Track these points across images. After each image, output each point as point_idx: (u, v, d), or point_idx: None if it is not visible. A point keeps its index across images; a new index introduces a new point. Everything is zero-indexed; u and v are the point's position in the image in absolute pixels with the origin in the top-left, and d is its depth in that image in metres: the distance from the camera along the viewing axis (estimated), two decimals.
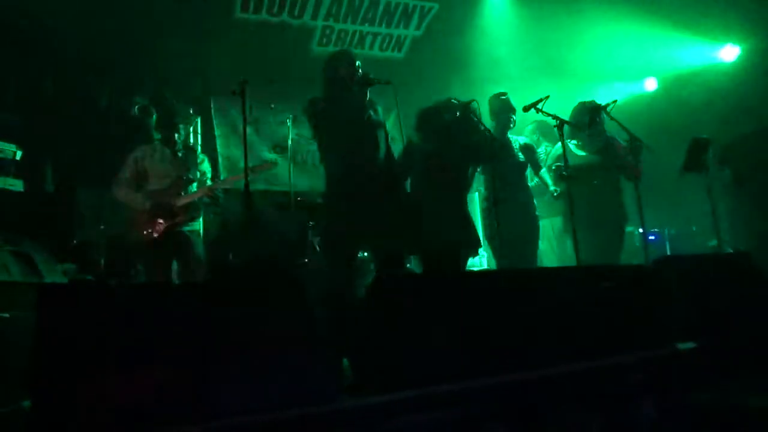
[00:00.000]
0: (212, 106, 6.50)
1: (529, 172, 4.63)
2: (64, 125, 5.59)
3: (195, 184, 4.17)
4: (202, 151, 4.76)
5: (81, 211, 5.41)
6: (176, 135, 4.14)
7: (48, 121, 5.50)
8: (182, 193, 4.09)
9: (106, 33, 5.45)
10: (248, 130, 6.52)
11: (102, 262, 4.83)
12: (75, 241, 5.12)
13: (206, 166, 4.33)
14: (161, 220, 4.00)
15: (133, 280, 4.59)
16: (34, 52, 5.45)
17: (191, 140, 4.85)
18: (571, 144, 4.56)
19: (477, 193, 5.07)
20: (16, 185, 4.68)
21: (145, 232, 4.00)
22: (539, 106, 4.12)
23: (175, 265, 4.14)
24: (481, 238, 4.13)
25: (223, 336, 1.86)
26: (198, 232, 4.28)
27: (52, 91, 5.66)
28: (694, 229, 7.02)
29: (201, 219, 4.31)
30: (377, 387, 2.17)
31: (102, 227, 4.99)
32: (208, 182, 4.26)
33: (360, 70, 3.40)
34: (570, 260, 4.54)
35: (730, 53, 7.24)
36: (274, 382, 1.93)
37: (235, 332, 1.89)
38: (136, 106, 5.86)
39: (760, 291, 3.28)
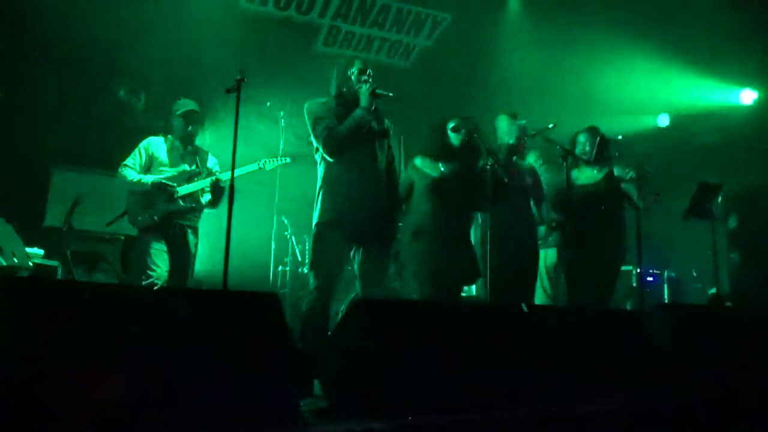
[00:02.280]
0: (204, 96, 6.46)
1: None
2: (45, 104, 5.58)
3: (199, 178, 4.25)
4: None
5: (54, 195, 5.38)
6: (190, 127, 4.29)
7: (28, 98, 5.49)
8: (185, 184, 4.20)
9: (95, 12, 5.44)
10: (242, 124, 6.66)
11: (70, 249, 4.80)
12: (44, 225, 5.09)
13: (213, 165, 4.42)
14: (161, 205, 4.10)
15: (101, 273, 4.57)
16: (17, 30, 5.43)
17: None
18: (573, 174, 4.57)
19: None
20: None
21: (141, 218, 4.11)
22: (545, 134, 4.15)
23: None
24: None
25: (188, 347, 1.85)
26: (197, 229, 4.32)
27: (35, 70, 5.64)
28: (694, 274, 7.07)
29: (200, 217, 4.33)
30: (346, 412, 2.17)
31: (75, 213, 4.96)
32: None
33: (371, 79, 3.41)
34: (560, 295, 4.56)
35: (748, 97, 7.35)
36: (235, 398, 1.93)
37: (202, 344, 1.89)
38: (123, 89, 5.85)
39: (752, 350, 3.31)
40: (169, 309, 1.90)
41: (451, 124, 3.89)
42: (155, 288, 3.58)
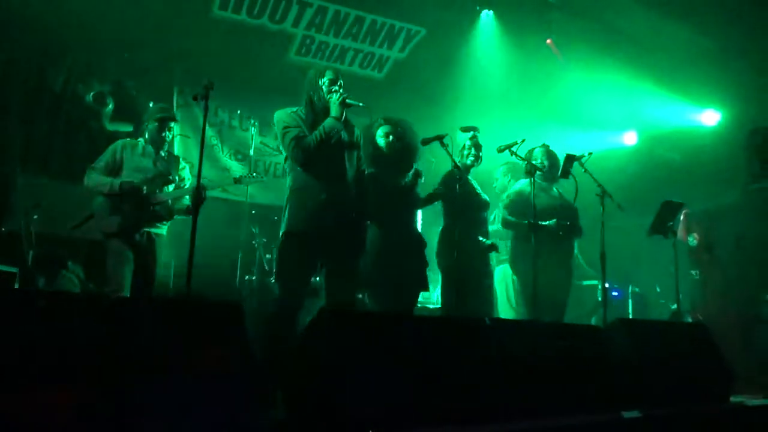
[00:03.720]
0: (175, 101, 6.42)
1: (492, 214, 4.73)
2: (9, 108, 5.47)
3: (172, 186, 4.21)
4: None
5: (16, 199, 5.27)
6: (163, 133, 4.24)
7: None
8: (158, 191, 4.13)
9: (63, 16, 5.36)
10: (211, 132, 6.65)
11: (30, 255, 4.70)
12: (3, 229, 4.98)
13: (186, 173, 4.38)
14: (129, 210, 4.03)
15: (62, 280, 4.48)
16: None
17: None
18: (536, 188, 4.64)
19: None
20: None
21: (106, 222, 4.02)
22: (514, 148, 4.22)
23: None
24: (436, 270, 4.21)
25: (147, 358, 1.83)
26: (164, 236, 4.26)
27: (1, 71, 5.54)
28: (658, 290, 7.22)
29: (168, 225, 4.29)
30: (308, 425, 2.17)
31: (36, 217, 4.86)
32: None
33: (342, 90, 3.43)
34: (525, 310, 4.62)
35: (711, 118, 7.58)
36: (194, 410, 1.91)
37: (160, 355, 1.87)
38: (91, 94, 5.77)
39: (713, 364, 3.40)
40: (127, 318, 1.88)
41: (381, 131, 3.93)
42: (114, 296, 3.54)
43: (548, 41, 7.20)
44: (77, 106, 5.91)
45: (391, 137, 3.90)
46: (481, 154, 4.41)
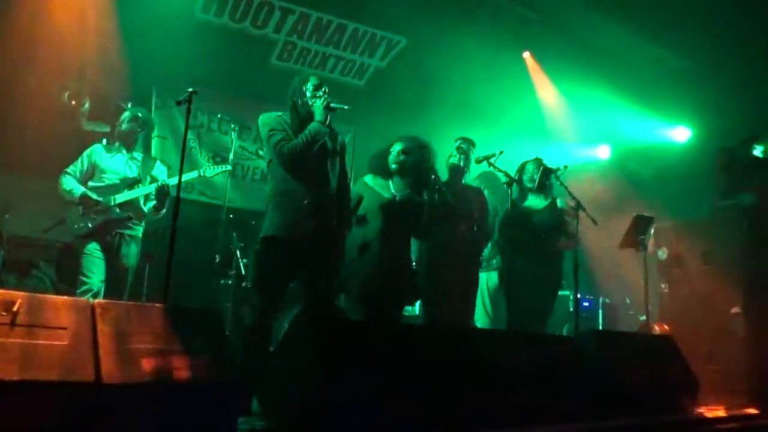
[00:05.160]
0: (153, 102, 6.36)
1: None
2: None
3: (139, 186, 4.22)
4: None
5: None
6: (138, 135, 4.29)
7: None
8: (124, 191, 4.16)
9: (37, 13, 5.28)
10: (190, 135, 6.59)
11: (1, 256, 4.63)
12: None
13: (159, 173, 4.37)
14: (95, 215, 4.06)
15: (33, 280, 4.42)
16: None
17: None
18: (518, 201, 4.74)
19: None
20: None
21: (77, 226, 4.07)
22: (492, 160, 4.29)
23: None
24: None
25: (120, 364, 1.83)
26: (138, 239, 4.26)
27: None
28: (628, 301, 7.37)
29: (142, 226, 4.27)
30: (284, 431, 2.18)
31: (7, 216, 4.79)
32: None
33: (326, 95, 3.45)
34: (500, 318, 4.69)
35: (682, 134, 7.78)
36: (170, 415, 1.91)
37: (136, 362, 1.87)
38: (67, 93, 5.69)
39: (679, 375, 3.50)
40: (102, 323, 1.88)
41: (399, 147, 3.98)
42: (91, 300, 3.50)
43: (525, 55, 7.33)
44: (51, 106, 5.82)
45: (402, 156, 3.94)
46: (465, 159, 4.50)
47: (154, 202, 4.19)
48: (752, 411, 3.68)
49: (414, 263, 4.19)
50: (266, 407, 2.44)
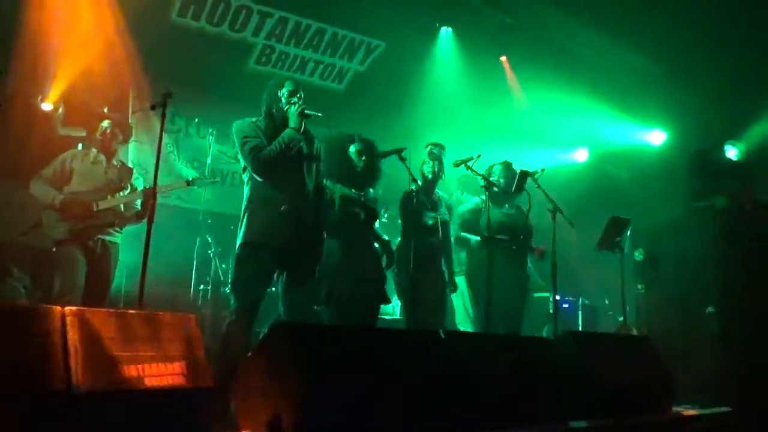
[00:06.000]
0: (130, 106, 6.29)
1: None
2: None
3: (122, 193, 4.16)
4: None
5: None
6: (116, 141, 4.24)
7: None
8: (108, 197, 4.09)
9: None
10: (167, 140, 6.53)
11: None
12: None
13: (139, 183, 4.34)
14: (74, 221, 3.96)
15: (6, 288, 4.34)
16: None
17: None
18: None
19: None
20: None
21: (55, 230, 3.95)
22: (470, 163, 4.31)
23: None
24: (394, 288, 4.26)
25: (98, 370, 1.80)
26: (118, 245, 4.19)
27: None
28: (606, 302, 7.45)
29: (122, 233, 4.21)
30: None
31: None
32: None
33: (301, 101, 3.43)
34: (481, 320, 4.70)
35: (657, 137, 7.90)
36: (145, 421, 1.89)
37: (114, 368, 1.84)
38: (40, 97, 5.61)
39: (656, 375, 3.54)
40: (74, 330, 1.85)
41: (353, 148, 3.97)
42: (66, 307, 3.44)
43: (502, 59, 7.40)
44: (26, 111, 5.73)
45: (363, 156, 3.93)
46: (438, 166, 4.51)
47: (136, 209, 4.14)
48: (727, 409, 3.74)
49: (394, 267, 4.20)
50: (244, 414, 2.41)
